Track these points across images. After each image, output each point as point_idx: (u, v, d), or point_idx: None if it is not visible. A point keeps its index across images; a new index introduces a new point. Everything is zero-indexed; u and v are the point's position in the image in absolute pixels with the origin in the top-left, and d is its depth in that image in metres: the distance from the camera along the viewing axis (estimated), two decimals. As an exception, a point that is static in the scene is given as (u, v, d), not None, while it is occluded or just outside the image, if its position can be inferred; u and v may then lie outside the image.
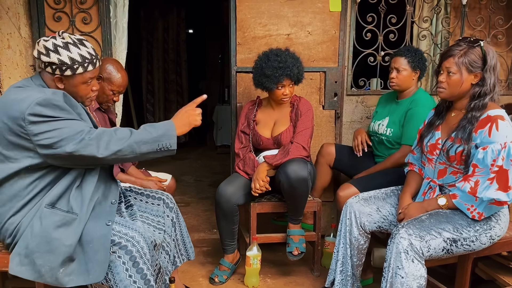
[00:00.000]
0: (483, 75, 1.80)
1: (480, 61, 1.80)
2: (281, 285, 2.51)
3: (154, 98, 6.54)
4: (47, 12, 2.66)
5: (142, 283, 1.66)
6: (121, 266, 1.64)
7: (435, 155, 1.96)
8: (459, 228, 1.79)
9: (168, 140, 1.63)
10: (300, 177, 2.28)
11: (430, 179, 2.00)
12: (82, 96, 1.72)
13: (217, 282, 2.48)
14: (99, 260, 1.61)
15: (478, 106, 1.81)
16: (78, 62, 1.63)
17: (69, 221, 1.61)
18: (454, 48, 1.83)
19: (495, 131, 1.73)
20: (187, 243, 2.18)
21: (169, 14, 6.39)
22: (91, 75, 1.69)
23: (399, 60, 2.48)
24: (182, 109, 1.79)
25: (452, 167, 1.89)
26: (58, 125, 1.54)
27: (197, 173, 5.14)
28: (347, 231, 2.10)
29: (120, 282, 1.64)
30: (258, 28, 2.86)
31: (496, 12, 3.09)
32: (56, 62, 1.60)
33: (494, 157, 1.71)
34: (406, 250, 1.72)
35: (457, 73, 1.82)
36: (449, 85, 1.85)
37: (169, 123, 1.68)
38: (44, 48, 1.61)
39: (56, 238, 1.58)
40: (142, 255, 1.67)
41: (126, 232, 1.69)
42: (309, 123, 2.48)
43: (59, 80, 1.65)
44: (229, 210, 2.43)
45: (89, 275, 1.61)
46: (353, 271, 2.13)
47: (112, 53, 2.80)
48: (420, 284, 1.73)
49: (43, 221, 1.59)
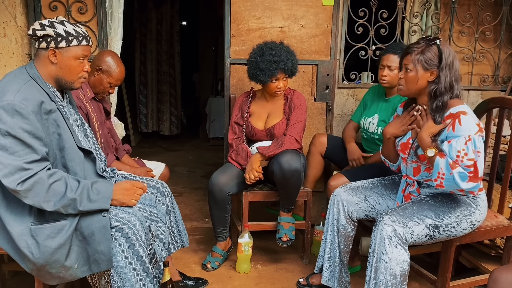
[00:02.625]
0: (438, 73, 1.84)
1: (436, 59, 1.84)
2: (272, 271, 2.59)
3: (147, 89, 6.54)
4: (43, 1, 2.69)
5: (138, 264, 1.72)
6: (117, 248, 1.70)
7: (406, 154, 2.02)
8: (440, 214, 1.87)
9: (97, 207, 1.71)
10: (293, 168, 2.34)
11: (406, 177, 2.07)
12: (73, 74, 1.74)
13: (209, 268, 2.55)
14: (103, 250, 1.68)
15: (439, 107, 1.85)
16: (73, 35, 1.69)
17: (60, 228, 1.66)
18: (413, 46, 1.88)
19: (458, 126, 1.78)
20: (182, 230, 2.23)
21: (162, 6, 6.38)
22: (83, 51, 1.73)
23: (391, 58, 2.48)
24: (127, 183, 1.86)
25: (424, 165, 1.96)
26: (6, 143, 1.55)
27: (190, 164, 5.19)
28: (335, 219, 2.18)
29: (117, 263, 1.70)
30: (252, 21, 2.91)
31: (485, 9, 3.17)
32: (52, 34, 1.66)
33: (459, 149, 1.75)
34: (389, 236, 1.79)
35: (413, 70, 1.87)
36: (406, 81, 1.90)
37: (106, 199, 1.72)
38: (40, 24, 1.67)
39: (56, 248, 1.64)
40: (138, 237, 1.73)
41: (123, 216, 1.75)
42: (302, 116, 2.54)
43: (53, 54, 1.68)
44: (221, 199, 2.49)
45: (100, 264, 1.70)
46: (340, 258, 2.20)
47: (107, 43, 2.83)
48: (403, 268, 1.80)
49: (37, 239, 1.63)
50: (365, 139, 2.71)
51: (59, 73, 1.72)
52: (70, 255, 1.68)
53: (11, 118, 1.55)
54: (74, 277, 1.72)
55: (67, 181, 1.65)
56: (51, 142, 1.68)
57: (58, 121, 1.70)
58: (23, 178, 1.56)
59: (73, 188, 1.65)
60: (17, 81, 1.64)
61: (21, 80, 1.65)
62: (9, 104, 1.55)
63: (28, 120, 1.57)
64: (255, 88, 2.69)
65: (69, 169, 1.75)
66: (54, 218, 1.66)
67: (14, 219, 1.65)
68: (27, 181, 1.56)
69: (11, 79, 1.65)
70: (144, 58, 6.50)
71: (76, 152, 1.77)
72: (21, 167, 1.56)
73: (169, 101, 6.63)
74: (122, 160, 2.47)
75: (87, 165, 1.84)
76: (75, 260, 1.69)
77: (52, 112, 1.68)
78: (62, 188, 1.63)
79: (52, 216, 1.66)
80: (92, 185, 1.70)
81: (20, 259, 1.69)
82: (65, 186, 1.64)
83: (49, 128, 1.67)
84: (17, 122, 1.55)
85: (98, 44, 2.79)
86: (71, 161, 1.75)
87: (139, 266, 1.73)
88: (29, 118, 1.57)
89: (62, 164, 1.74)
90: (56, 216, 1.66)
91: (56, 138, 1.70)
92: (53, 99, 1.71)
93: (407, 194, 2.04)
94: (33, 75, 1.69)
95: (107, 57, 2.26)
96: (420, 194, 2.02)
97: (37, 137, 1.60)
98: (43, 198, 1.60)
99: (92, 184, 1.71)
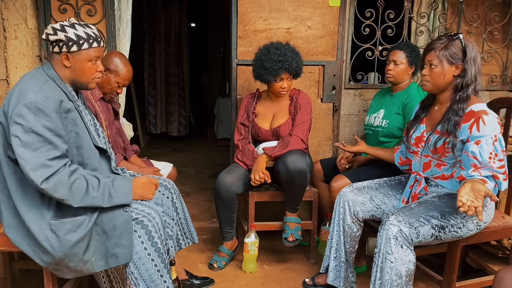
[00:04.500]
0: (464, 66, 1.87)
1: (460, 53, 1.87)
2: (278, 271, 2.60)
3: (155, 90, 6.60)
4: (53, 4, 2.73)
5: (156, 256, 1.77)
6: (137, 239, 1.75)
7: (420, 148, 2.03)
8: (446, 215, 1.86)
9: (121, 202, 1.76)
10: (299, 168, 2.35)
11: (416, 173, 2.08)
12: (87, 75, 1.78)
13: (216, 268, 2.57)
14: (124, 244, 1.72)
15: (463, 98, 1.88)
16: (84, 38, 1.72)
17: (80, 223, 1.70)
18: (435, 42, 1.91)
19: (482, 126, 1.80)
20: (191, 226, 2.26)
21: (171, 7, 6.43)
22: (95, 53, 1.76)
23: (398, 53, 2.53)
24: (145, 178, 1.92)
25: (437, 160, 1.97)
26: (29, 140, 1.59)
27: (197, 165, 5.22)
28: (341, 219, 2.18)
29: (136, 254, 1.75)
30: (258, 22, 2.93)
31: (492, 9, 3.15)
32: (63, 39, 1.69)
33: (491, 149, 1.78)
34: (395, 236, 1.80)
35: (438, 65, 1.89)
36: (432, 77, 1.92)
37: (128, 195, 1.77)
38: (52, 29, 1.70)
39: (76, 241, 1.68)
40: (157, 230, 1.78)
41: (143, 209, 1.81)
42: (307, 116, 2.55)
43: (66, 58, 1.72)
44: (228, 199, 2.51)
45: (118, 258, 1.74)
46: (346, 258, 2.21)
47: (116, 45, 2.87)
48: (408, 268, 1.80)
49: (57, 233, 1.67)
50: (368, 135, 2.71)
51: (74, 76, 1.77)
52: (88, 249, 1.71)
53: (33, 115, 1.59)
54: (91, 271, 1.76)
55: (87, 179, 1.69)
56: (69, 140, 1.73)
57: (76, 120, 1.75)
58: (45, 176, 1.60)
59: (94, 186, 1.70)
60: (37, 80, 1.68)
61: (41, 79, 1.69)
62: (32, 102, 1.59)
63: (50, 117, 1.62)
64: (261, 89, 2.71)
65: (86, 166, 1.79)
66: (73, 213, 1.70)
67: (34, 213, 1.68)
68: (50, 180, 1.60)
69: (30, 79, 1.69)
70: (153, 60, 6.56)
71: (92, 151, 1.82)
72: (43, 164, 1.60)
73: (178, 102, 6.68)
74: (130, 160, 2.50)
75: (102, 163, 1.89)
76: (92, 254, 1.73)
77: (71, 111, 1.73)
78: (83, 187, 1.67)
79: (71, 211, 1.70)
80: (112, 182, 1.75)
81: (37, 254, 1.71)
82: (86, 184, 1.68)
83: (67, 127, 1.72)
84: (40, 119, 1.60)
85: (107, 46, 2.82)
86: (88, 159, 1.80)
87: (157, 257, 1.78)
88: (51, 116, 1.62)
89: (78, 162, 1.78)
90: (75, 211, 1.70)
91: (73, 137, 1.74)
92: (71, 98, 1.76)
93: (415, 194, 2.04)
94: (51, 75, 1.73)
95: (114, 57, 2.30)
96: (428, 193, 2.02)
97: (58, 134, 1.64)
98: (66, 196, 1.64)
99: (112, 181, 1.75)
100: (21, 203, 1.68)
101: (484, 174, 1.77)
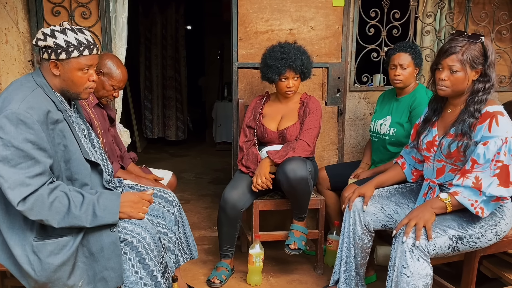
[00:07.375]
0: (484, 71, 1.77)
1: (481, 57, 1.77)
2: (284, 283, 2.49)
3: (152, 94, 6.49)
4: (45, 6, 2.62)
5: (148, 280, 1.64)
6: (127, 262, 1.62)
7: (432, 153, 1.93)
8: (464, 225, 1.77)
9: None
10: (299, 176, 2.25)
11: (429, 180, 1.98)
12: (78, 85, 1.66)
13: (216, 283, 2.42)
14: (113, 267, 1.60)
15: (481, 100, 1.78)
16: (74, 46, 1.59)
17: (64, 244, 1.58)
18: (455, 45, 1.78)
19: (495, 126, 1.72)
20: (190, 241, 2.15)
21: (167, 10, 6.33)
22: (86, 61, 1.64)
23: (403, 56, 2.41)
24: (135, 196, 1.74)
25: (451, 164, 1.87)
26: (8, 155, 1.47)
27: (196, 170, 5.11)
28: (351, 230, 2.08)
29: (127, 279, 1.63)
30: (260, 23, 2.82)
31: (501, 8, 3.07)
32: (52, 45, 1.57)
33: (496, 151, 1.69)
34: (411, 249, 1.69)
35: (461, 70, 1.78)
36: (453, 83, 1.80)
37: (114, 214, 1.62)
38: (42, 34, 1.59)
39: (59, 265, 1.56)
40: (148, 251, 1.65)
41: (132, 229, 1.67)
42: (316, 122, 2.46)
43: (55, 66, 1.61)
44: (234, 217, 2.40)
45: (108, 283, 1.61)
46: (357, 270, 2.10)
47: (112, 48, 2.76)
48: (426, 283, 1.70)
49: (39, 256, 1.56)
50: (374, 142, 2.61)
51: (64, 85, 1.65)
52: (74, 273, 1.59)
53: (15, 128, 1.48)
54: None
55: (69, 197, 1.56)
56: (56, 153, 1.60)
57: (65, 132, 1.63)
58: (23, 195, 1.48)
59: (77, 204, 1.56)
60: (23, 89, 1.57)
61: (27, 88, 1.58)
62: (13, 113, 1.48)
63: (33, 130, 1.50)
64: (270, 91, 2.64)
65: (75, 181, 1.67)
66: (57, 234, 1.58)
67: (17, 234, 1.57)
68: (27, 200, 1.48)
69: (17, 87, 1.58)
70: (149, 63, 6.45)
71: (82, 164, 1.69)
72: (22, 182, 1.48)
73: (175, 106, 6.58)
74: (128, 169, 2.39)
75: (94, 177, 1.76)
76: (79, 277, 1.60)
77: (59, 122, 1.61)
78: (64, 205, 1.54)
79: (55, 231, 1.58)
80: (98, 200, 1.61)
81: (21, 276, 1.60)
82: (67, 203, 1.55)
83: (55, 139, 1.60)
84: (21, 132, 1.48)
85: (103, 50, 2.72)
86: (77, 174, 1.67)
87: (150, 281, 1.64)
88: (34, 128, 1.50)
89: (67, 176, 1.66)
90: (59, 231, 1.58)
91: (61, 150, 1.62)
92: (60, 108, 1.64)
93: None
94: (40, 83, 1.62)
95: (106, 60, 2.20)
96: None
97: (41, 148, 1.52)
98: (46, 216, 1.52)
99: (98, 198, 1.61)
100: (3, 224, 1.57)
101: (466, 184, 1.73)
